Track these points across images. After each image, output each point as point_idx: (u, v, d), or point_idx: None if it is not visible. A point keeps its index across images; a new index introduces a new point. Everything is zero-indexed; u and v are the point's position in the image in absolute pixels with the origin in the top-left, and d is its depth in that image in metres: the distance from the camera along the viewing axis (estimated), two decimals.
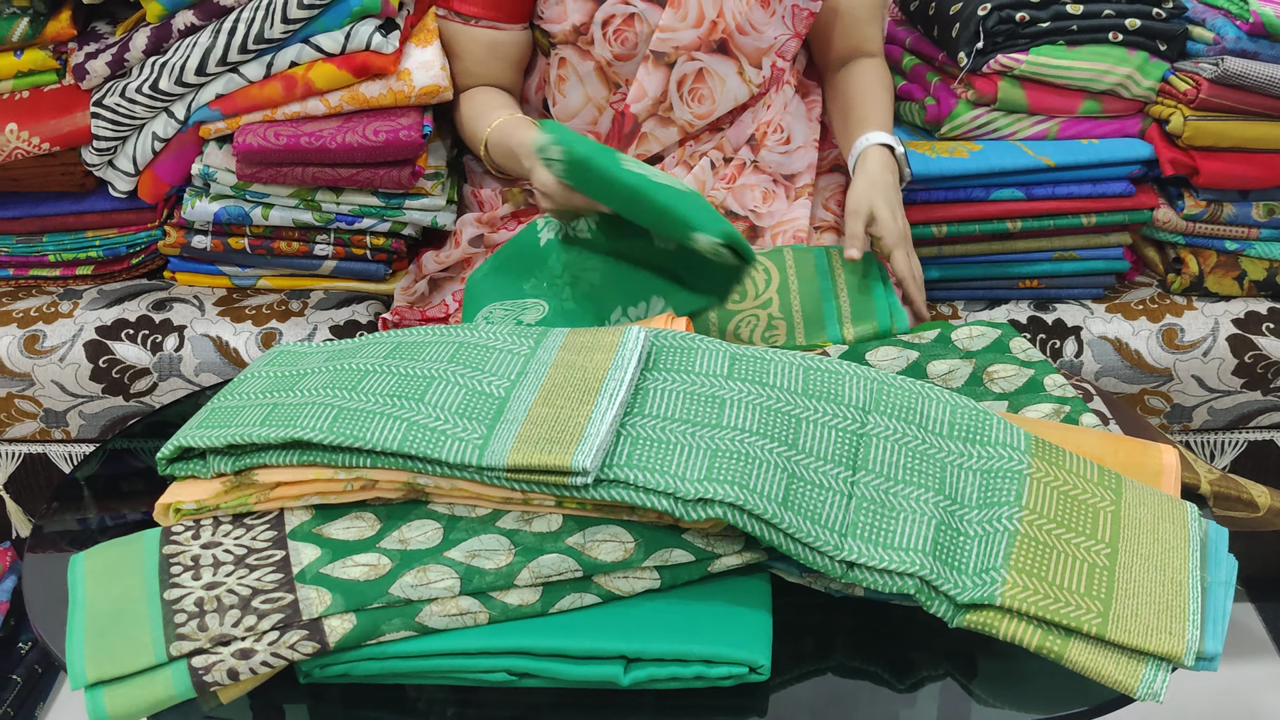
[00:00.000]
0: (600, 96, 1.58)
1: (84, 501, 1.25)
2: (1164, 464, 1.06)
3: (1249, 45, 1.59)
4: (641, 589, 0.99)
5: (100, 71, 1.56)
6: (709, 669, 0.93)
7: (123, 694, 0.91)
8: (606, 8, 1.50)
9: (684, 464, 0.97)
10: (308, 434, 1.01)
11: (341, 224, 1.62)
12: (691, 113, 1.55)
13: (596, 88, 1.57)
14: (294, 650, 0.92)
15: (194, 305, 1.67)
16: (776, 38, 1.53)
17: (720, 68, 1.52)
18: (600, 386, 1.04)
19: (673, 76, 1.52)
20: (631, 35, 1.50)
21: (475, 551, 0.99)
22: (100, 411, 1.66)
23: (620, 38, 1.50)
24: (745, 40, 1.51)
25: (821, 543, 0.94)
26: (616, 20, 1.50)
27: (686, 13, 1.47)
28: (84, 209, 1.68)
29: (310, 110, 1.56)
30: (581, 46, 1.54)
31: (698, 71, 1.52)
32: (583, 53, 1.55)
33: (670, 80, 1.52)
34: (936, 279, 1.71)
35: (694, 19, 1.47)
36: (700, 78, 1.52)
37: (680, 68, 1.51)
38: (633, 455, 0.98)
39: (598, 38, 1.51)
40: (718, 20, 1.48)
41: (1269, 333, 1.67)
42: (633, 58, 1.52)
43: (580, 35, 1.52)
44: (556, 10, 1.52)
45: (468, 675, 0.95)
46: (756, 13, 1.50)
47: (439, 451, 0.99)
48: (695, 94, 1.53)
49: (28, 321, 1.65)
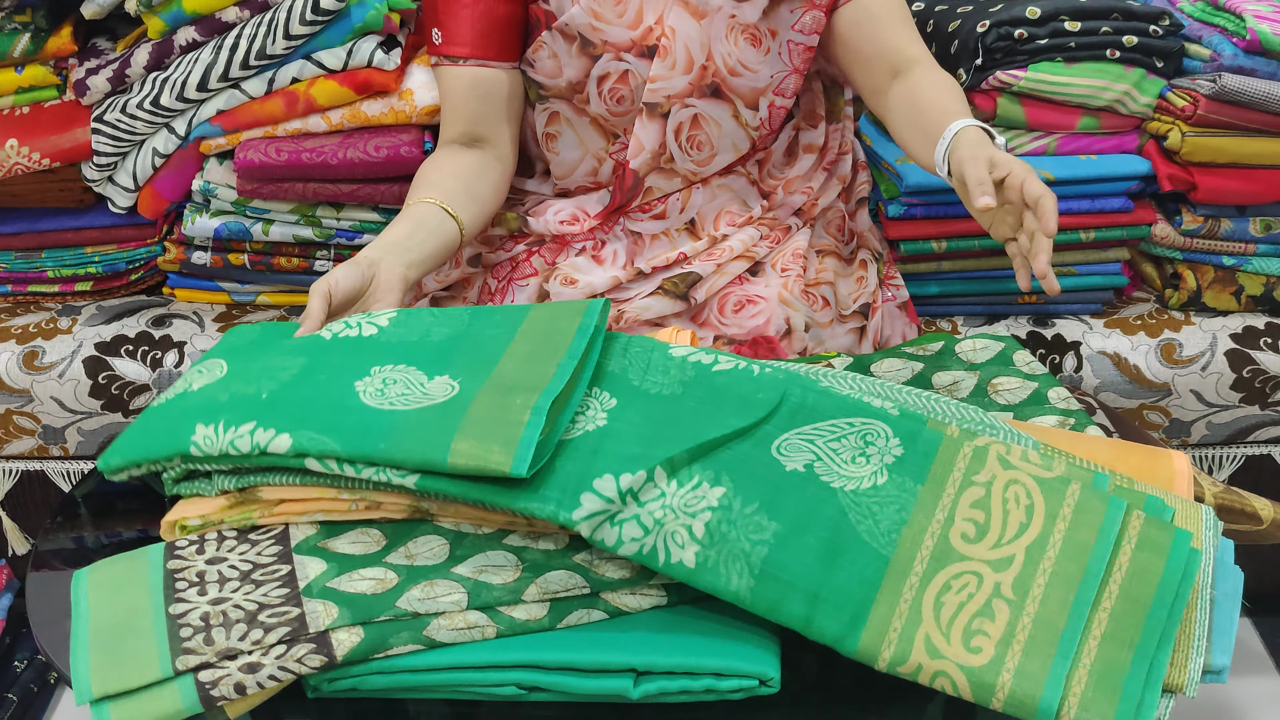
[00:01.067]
0: (598, 147, 1.54)
1: (86, 518, 1.25)
2: (1175, 469, 1.06)
3: (1246, 62, 1.60)
4: (649, 605, 0.99)
5: (101, 87, 1.56)
6: (719, 682, 0.93)
7: (129, 709, 0.91)
8: (602, 65, 1.47)
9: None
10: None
11: (341, 239, 1.62)
12: (692, 161, 1.52)
13: (594, 139, 1.54)
14: (301, 664, 0.92)
15: (194, 321, 1.67)
16: (773, 76, 1.50)
17: (714, 112, 1.49)
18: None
19: (669, 126, 1.49)
20: (626, 91, 1.48)
21: (482, 567, 0.99)
22: (99, 428, 1.65)
23: (615, 95, 1.48)
24: (739, 82, 1.48)
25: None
26: (612, 78, 1.47)
27: (675, 60, 1.44)
28: (83, 225, 1.68)
29: (311, 127, 1.56)
30: (577, 104, 1.51)
31: (693, 118, 1.49)
32: (578, 109, 1.52)
33: (667, 130, 1.49)
34: (936, 294, 1.72)
35: (683, 65, 1.45)
36: (696, 124, 1.49)
37: (675, 116, 1.48)
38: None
39: (593, 95, 1.49)
40: (707, 64, 1.45)
41: (1266, 347, 1.68)
42: (628, 114, 1.50)
43: (576, 93, 1.50)
44: (550, 65, 1.49)
45: (477, 689, 0.95)
46: (747, 52, 1.47)
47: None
48: (694, 141, 1.50)
49: (26, 338, 1.65)
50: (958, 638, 0.91)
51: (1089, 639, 0.91)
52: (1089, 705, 0.88)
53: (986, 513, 0.97)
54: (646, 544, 0.95)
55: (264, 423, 1.04)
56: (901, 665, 0.91)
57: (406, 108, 1.55)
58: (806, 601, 0.93)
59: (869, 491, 0.98)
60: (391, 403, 1.06)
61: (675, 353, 1.12)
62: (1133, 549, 0.94)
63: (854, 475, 0.99)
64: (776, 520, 0.96)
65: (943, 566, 0.94)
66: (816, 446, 1.02)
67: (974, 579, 0.94)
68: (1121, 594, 0.92)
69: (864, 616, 0.92)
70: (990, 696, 0.89)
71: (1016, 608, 0.92)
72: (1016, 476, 0.98)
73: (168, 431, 1.07)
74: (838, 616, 0.92)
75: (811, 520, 0.96)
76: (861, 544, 0.95)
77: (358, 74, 1.53)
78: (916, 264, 1.70)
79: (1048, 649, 0.90)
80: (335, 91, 1.54)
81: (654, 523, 0.96)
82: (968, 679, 0.89)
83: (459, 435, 0.99)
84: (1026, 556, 0.94)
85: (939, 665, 0.90)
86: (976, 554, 0.95)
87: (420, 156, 1.53)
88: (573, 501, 0.96)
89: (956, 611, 0.92)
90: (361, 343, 1.16)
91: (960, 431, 1.02)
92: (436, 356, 1.13)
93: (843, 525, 0.96)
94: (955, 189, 1.28)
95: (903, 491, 0.98)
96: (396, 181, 1.57)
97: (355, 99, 1.55)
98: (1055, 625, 0.91)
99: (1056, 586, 0.92)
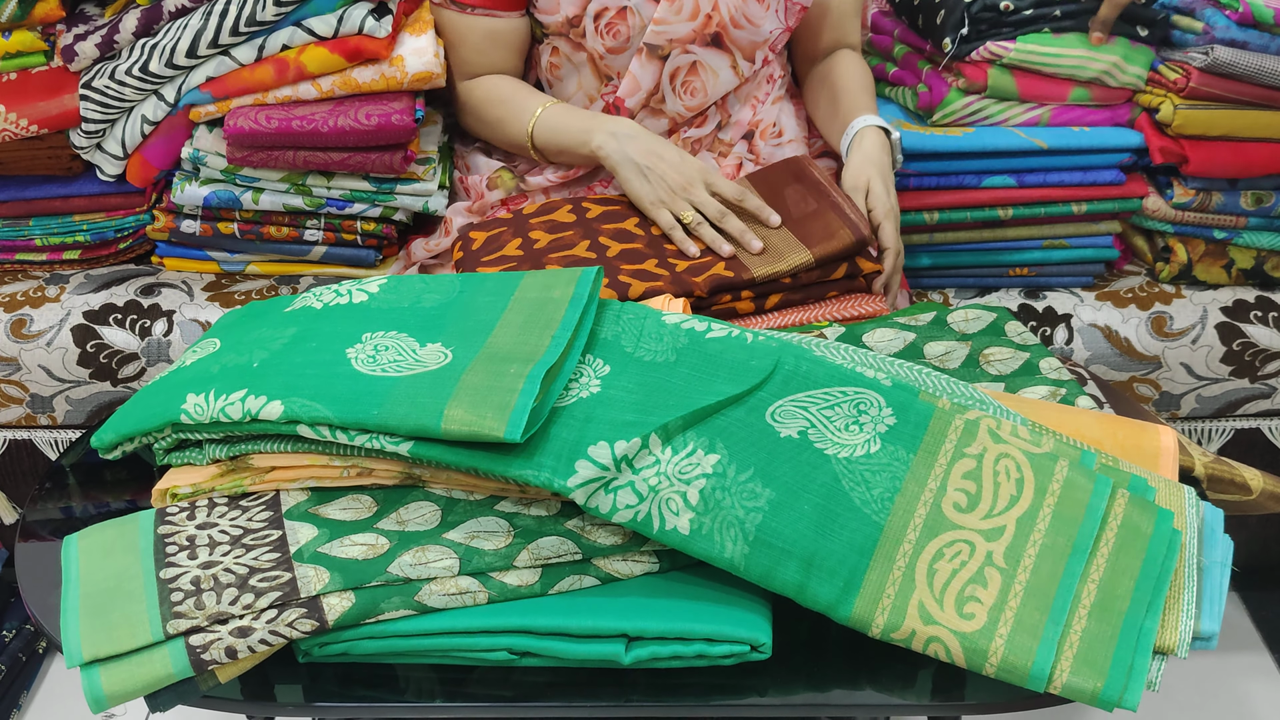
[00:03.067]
0: (592, 87, 1.59)
1: (74, 487, 1.25)
2: (1161, 446, 1.06)
3: (1238, 35, 1.60)
4: (640, 572, 0.99)
5: (89, 53, 1.55)
6: (711, 647, 0.93)
7: (119, 672, 0.91)
8: (599, 1, 1.49)
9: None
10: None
11: (332, 209, 1.61)
12: (683, 104, 1.56)
13: (589, 79, 1.58)
14: (293, 628, 0.92)
15: (182, 290, 1.66)
16: (771, 31, 1.54)
17: (713, 61, 1.52)
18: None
19: (666, 69, 1.52)
20: (624, 29, 1.50)
21: (474, 533, 0.99)
22: (87, 397, 1.64)
23: (612, 31, 1.50)
24: (740, 34, 1.51)
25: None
26: (609, 13, 1.50)
27: (681, 6, 1.47)
28: (71, 193, 1.67)
29: (302, 94, 1.55)
30: (574, 39, 1.54)
31: (691, 64, 1.52)
32: (575, 45, 1.55)
33: (664, 73, 1.52)
34: (928, 266, 1.72)
35: (689, 12, 1.47)
36: (693, 70, 1.53)
37: (673, 60, 1.51)
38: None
39: (589, 30, 1.51)
40: (712, 14, 1.48)
41: (1257, 321, 1.68)
42: (624, 51, 1.52)
43: (573, 28, 1.52)
44: (550, 1, 1.52)
45: (468, 654, 0.95)
46: (752, 6, 1.50)
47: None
48: (688, 87, 1.54)
49: (14, 306, 1.64)
50: (951, 604, 0.91)
51: (1079, 607, 0.91)
52: (1080, 671, 0.88)
53: (978, 484, 0.97)
54: (641, 511, 0.95)
55: (255, 390, 1.03)
56: (895, 632, 0.91)
57: (398, 74, 1.54)
58: (800, 568, 0.93)
59: (862, 459, 0.98)
60: (384, 369, 1.06)
61: (668, 320, 1.12)
62: (1119, 525, 0.95)
63: (847, 443, 0.99)
64: (770, 487, 0.96)
65: (935, 535, 0.94)
66: (810, 414, 1.02)
67: (966, 547, 0.94)
68: (1109, 567, 0.93)
69: (858, 583, 0.92)
70: (983, 662, 0.89)
71: (1008, 576, 0.92)
72: (1007, 450, 0.99)
73: (159, 404, 1.07)
74: (831, 583, 0.92)
75: (805, 487, 0.96)
76: (855, 511, 0.95)
77: (348, 41, 1.52)
78: (908, 236, 1.69)
79: (1039, 616, 0.90)
80: (326, 58, 1.52)
81: (649, 490, 0.96)
82: (961, 645, 0.90)
83: (452, 402, 0.98)
84: (1017, 528, 0.94)
85: (933, 631, 0.90)
86: (968, 523, 0.95)
87: (411, 125, 1.52)
88: (568, 469, 0.96)
89: (949, 579, 0.92)
90: (352, 310, 1.16)
91: (951, 405, 1.02)
92: (428, 323, 1.13)
93: (836, 492, 0.96)
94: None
95: (895, 460, 0.98)
96: (388, 149, 1.56)
97: (346, 66, 1.54)
98: (1046, 594, 0.91)
99: (1046, 558, 0.93)
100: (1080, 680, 0.88)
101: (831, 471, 0.97)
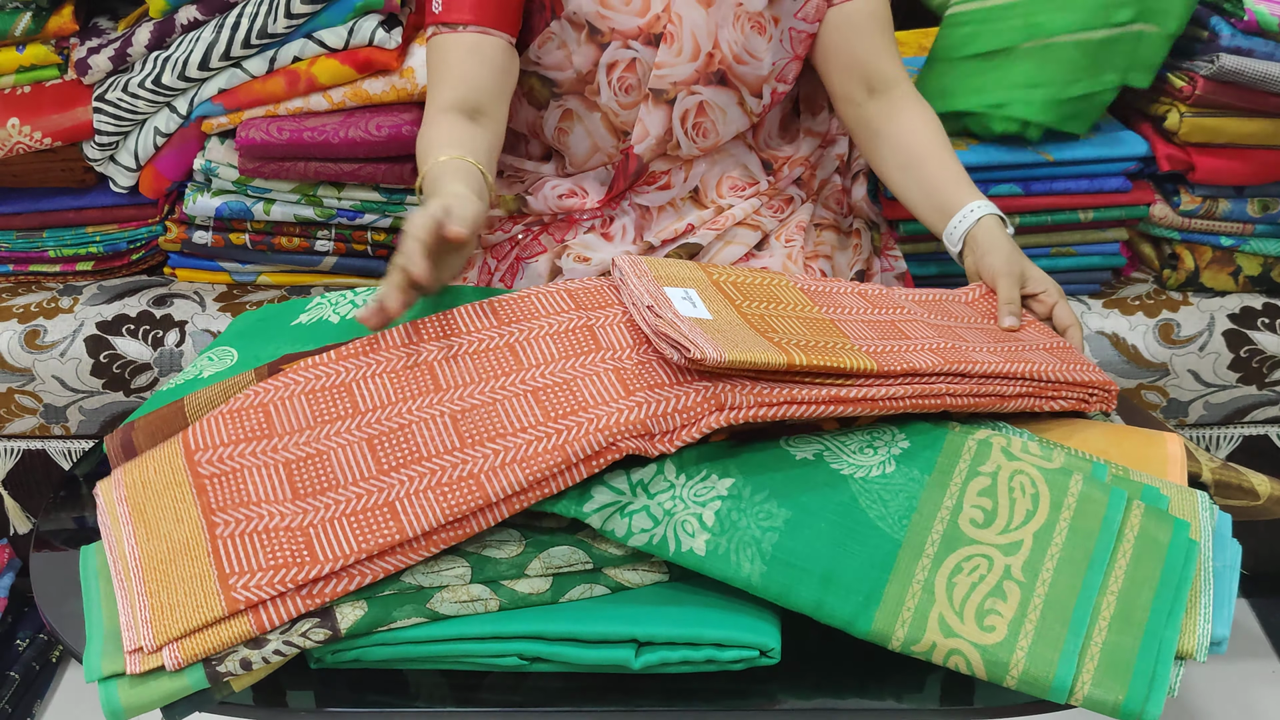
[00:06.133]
0: (609, 145, 1.54)
1: (87, 497, 1.25)
2: (1169, 454, 1.07)
3: (1244, 43, 1.60)
4: (651, 581, 0.99)
5: (102, 66, 1.57)
6: (720, 652, 0.94)
7: (137, 686, 0.91)
8: (610, 53, 1.46)
9: None
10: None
11: (343, 219, 1.62)
12: (697, 147, 1.52)
13: (604, 137, 1.53)
14: (306, 638, 0.92)
15: (194, 301, 1.68)
16: (775, 63, 1.50)
17: (720, 99, 1.49)
18: None
19: (675, 113, 1.48)
20: (634, 80, 1.47)
21: (486, 541, 0.99)
22: (100, 407, 1.66)
23: (624, 84, 1.47)
24: (744, 69, 1.48)
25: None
26: (620, 66, 1.46)
27: (681, 47, 1.44)
28: (85, 204, 1.68)
29: (313, 106, 1.56)
30: (588, 96, 1.50)
31: (699, 105, 1.48)
32: (589, 103, 1.51)
33: (673, 117, 1.49)
34: (936, 275, 1.72)
35: (689, 53, 1.45)
36: (701, 111, 1.49)
37: (681, 103, 1.48)
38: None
39: (603, 84, 1.48)
40: (714, 52, 1.45)
41: (1264, 328, 1.69)
42: (637, 104, 1.49)
43: (586, 84, 1.49)
44: (558, 56, 1.48)
45: (479, 660, 0.96)
46: (753, 40, 1.47)
47: None
48: (699, 128, 1.50)
49: (28, 317, 1.65)
50: (971, 617, 0.92)
51: (1099, 619, 0.92)
52: (1101, 682, 0.89)
53: (994, 500, 0.98)
54: (656, 534, 0.96)
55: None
56: (915, 645, 0.92)
57: (408, 86, 1.55)
58: (818, 585, 0.93)
59: (878, 480, 0.99)
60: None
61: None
62: (1135, 536, 0.96)
63: (863, 464, 1.00)
64: (787, 507, 0.97)
65: (953, 549, 0.95)
66: (824, 439, 1.03)
67: (985, 561, 0.94)
68: (1127, 578, 0.93)
69: (877, 597, 0.93)
70: (1004, 674, 0.90)
71: (1027, 589, 0.93)
72: (1021, 467, 1.00)
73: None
74: (850, 599, 0.93)
75: (822, 507, 0.97)
76: (872, 528, 0.96)
77: (359, 52, 1.54)
78: (916, 244, 1.70)
79: (1060, 628, 0.91)
80: (337, 70, 1.54)
81: (664, 513, 0.96)
82: (982, 657, 0.90)
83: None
84: (1035, 542, 0.95)
85: (953, 644, 0.91)
86: (986, 538, 0.96)
87: None
88: (584, 494, 0.97)
89: (969, 592, 0.93)
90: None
91: (961, 426, 1.03)
92: None
93: (853, 510, 0.97)
94: (966, 271, 1.37)
95: (910, 481, 0.99)
96: (398, 160, 1.57)
97: (357, 77, 1.55)
98: (1066, 606, 0.92)
99: (1064, 571, 0.93)
100: (1102, 692, 0.89)
101: (849, 490, 0.98)
